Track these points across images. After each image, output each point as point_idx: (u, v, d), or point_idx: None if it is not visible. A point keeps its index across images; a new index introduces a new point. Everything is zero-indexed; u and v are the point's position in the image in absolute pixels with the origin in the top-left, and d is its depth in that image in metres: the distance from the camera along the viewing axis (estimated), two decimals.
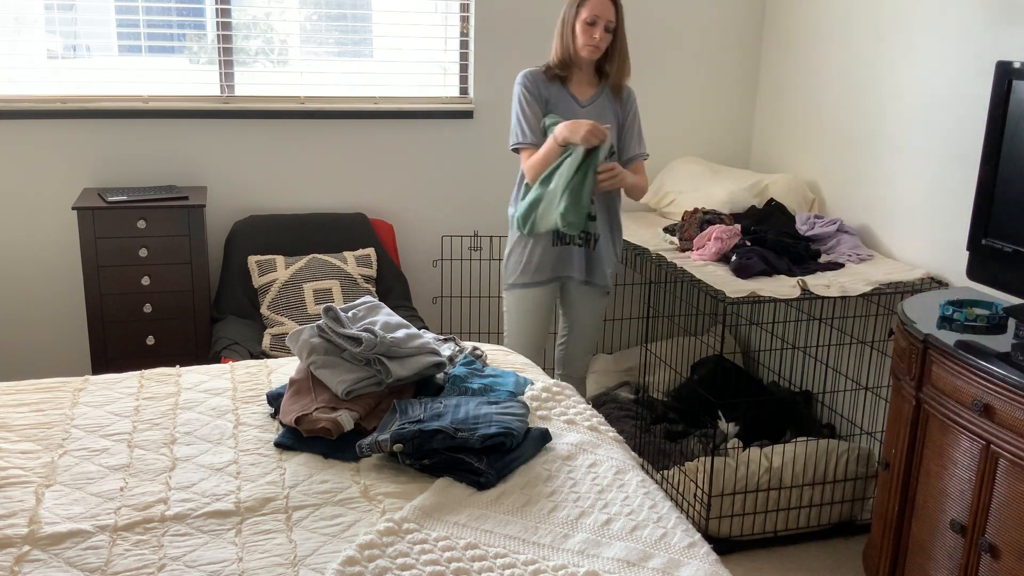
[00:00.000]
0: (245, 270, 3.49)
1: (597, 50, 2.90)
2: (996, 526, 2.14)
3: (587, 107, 2.98)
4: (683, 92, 4.01)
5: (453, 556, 1.63)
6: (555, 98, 2.97)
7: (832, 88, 3.56)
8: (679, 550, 1.69)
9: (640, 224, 3.69)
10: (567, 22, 2.92)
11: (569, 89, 2.99)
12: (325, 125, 3.68)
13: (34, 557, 1.60)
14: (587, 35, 2.88)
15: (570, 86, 2.99)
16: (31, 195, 3.46)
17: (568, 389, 2.37)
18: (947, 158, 2.97)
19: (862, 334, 3.31)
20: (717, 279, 2.92)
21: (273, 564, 1.61)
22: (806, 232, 3.32)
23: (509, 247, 3.09)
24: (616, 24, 2.90)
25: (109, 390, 2.32)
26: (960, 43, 2.91)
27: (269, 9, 3.66)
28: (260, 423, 2.16)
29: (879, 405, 3.23)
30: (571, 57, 2.94)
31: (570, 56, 2.93)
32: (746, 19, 3.99)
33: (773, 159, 3.97)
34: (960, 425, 2.23)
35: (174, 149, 3.55)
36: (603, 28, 2.87)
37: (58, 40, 3.48)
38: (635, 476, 1.95)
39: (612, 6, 2.88)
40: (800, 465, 3.00)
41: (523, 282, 3.06)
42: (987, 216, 2.42)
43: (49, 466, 1.92)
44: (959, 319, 2.42)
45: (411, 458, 1.93)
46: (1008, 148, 2.34)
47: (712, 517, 2.93)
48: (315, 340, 2.22)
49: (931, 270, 3.03)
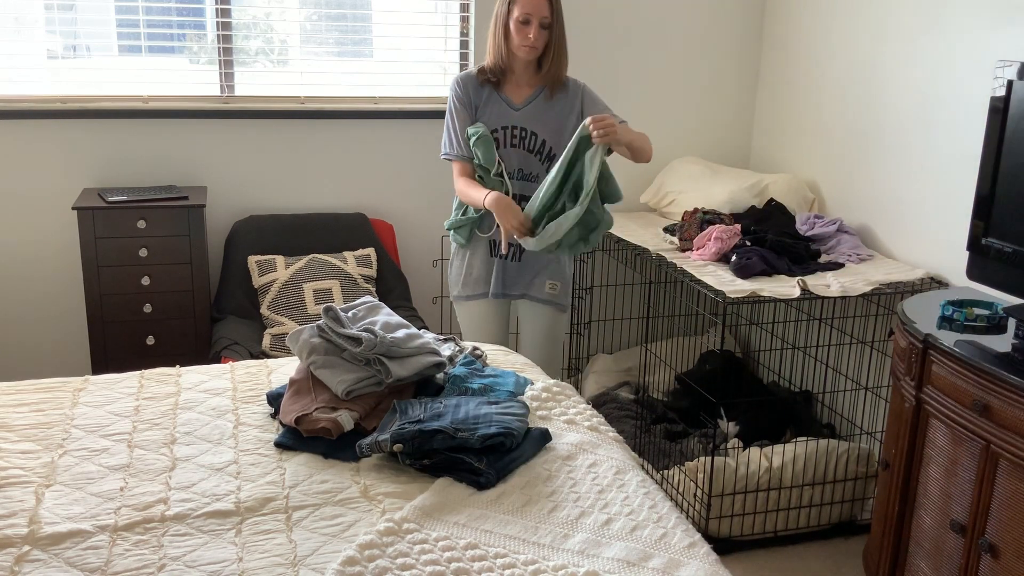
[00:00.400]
0: (245, 270, 3.49)
1: (534, 50, 2.75)
2: (996, 526, 2.14)
3: (521, 110, 2.84)
4: (683, 92, 4.01)
5: (453, 556, 1.63)
6: (487, 102, 2.85)
7: (832, 88, 3.56)
8: (679, 550, 1.69)
9: (640, 224, 3.69)
10: (499, 21, 2.77)
11: (503, 91, 2.85)
12: (325, 125, 3.68)
13: (34, 557, 1.60)
14: (522, 34, 2.72)
15: (505, 88, 2.85)
16: (31, 195, 3.46)
17: (568, 389, 2.37)
18: (947, 158, 2.97)
19: (862, 334, 3.31)
20: (717, 279, 2.92)
21: (273, 564, 1.61)
22: (806, 232, 3.32)
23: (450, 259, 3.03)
24: (552, 20, 2.74)
25: (109, 390, 2.32)
26: (960, 43, 2.91)
27: (269, 9, 3.66)
28: (260, 423, 2.16)
29: (879, 405, 3.23)
30: (505, 58, 2.79)
31: (503, 57, 2.79)
32: (746, 19, 3.99)
33: (773, 159, 3.97)
34: (960, 425, 2.23)
35: (174, 149, 3.55)
36: (537, 26, 2.71)
37: (58, 40, 3.48)
38: (635, 476, 1.95)
39: (546, 1, 2.71)
40: (800, 465, 3.00)
41: (465, 295, 3.00)
42: (987, 216, 2.42)
43: (49, 466, 1.92)
44: (959, 319, 2.42)
45: (411, 458, 1.93)
46: (1008, 148, 2.34)
47: (712, 517, 2.93)
48: (315, 340, 2.22)
49: (931, 270, 3.03)
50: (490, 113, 2.85)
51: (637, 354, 3.99)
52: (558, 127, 2.85)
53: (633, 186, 4.00)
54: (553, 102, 2.85)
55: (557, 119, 2.85)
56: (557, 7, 2.75)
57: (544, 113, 2.85)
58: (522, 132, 2.84)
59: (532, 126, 2.84)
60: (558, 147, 2.83)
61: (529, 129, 2.84)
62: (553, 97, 2.86)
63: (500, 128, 2.85)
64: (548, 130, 2.84)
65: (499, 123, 2.84)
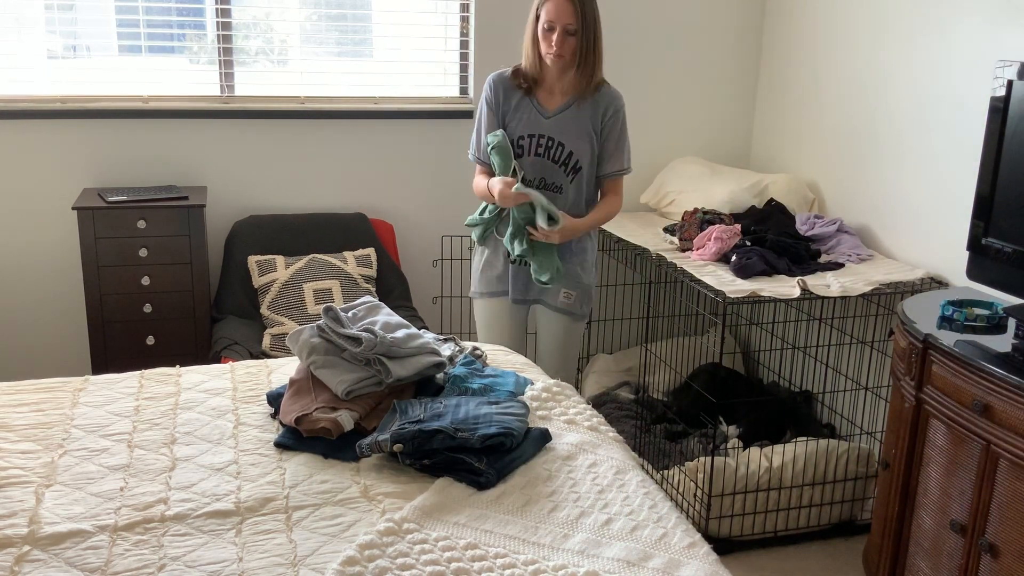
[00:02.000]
0: (245, 270, 3.49)
1: (559, 58, 2.65)
2: (996, 526, 2.14)
3: (552, 118, 2.77)
4: (683, 92, 4.01)
5: (453, 556, 1.63)
6: (519, 107, 2.78)
7: (832, 88, 3.56)
8: (679, 550, 1.69)
9: (640, 224, 3.69)
10: (530, 27, 2.69)
11: (536, 97, 2.77)
12: (325, 125, 3.68)
13: (34, 557, 1.60)
14: (547, 41, 2.64)
15: (538, 93, 2.77)
16: (31, 195, 3.46)
17: (568, 389, 2.37)
18: (947, 158, 2.97)
19: (862, 334, 3.31)
20: (717, 279, 2.92)
21: (273, 564, 1.61)
22: (806, 232, 3.32)
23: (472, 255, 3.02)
24: (579, 26, 2.62)
25: (109, 390, 2.32)
26: (960, 43, 2.91)
27: (269, 9, 3.66)
28: (260, 423, 2.16)
29: (879, 405, 3.23)
30: (536, 65, 2.72)
31: (534, 64, 2.72)
32: (746, 19, 3.99)
33: (773, 159, 3.97)
34: (960, 425, 2.23)
35: (174, 149, 3.55)
36: (562, 32, 2.61)
37: (58, 40, 3.47)
38: (635, 476, 1.95)
39: (571, 7, 2.60)
40: (800, 465, 3.00)
41: (480, 291, 2.97)
42: (987, 216, 2.42)
43: (49, 466, 1.92)
44: (959, 319, 2.42)
45: (411, 458, 1.93)
46: (1008, 148, 2.34)
47: (712, 517, 2.93)
48: (315, 340, 2.22)
49: (931, 270, 3.03)
50: (520, 118, 2.77)
51: (637, 354, 3.99)
52: (584, 135, 2.78)
53: (633, 186, 4.01)
54: (588, 111, 2.77)
55: (589, 130, 2.78)
56: (588, 14, 2.63)
57: (574, 123, 2.77)
58: (549, 142, 2.77)
59: (560, 136, 2.77)
60: (584, 158, 2.78)
61: (557, 139, 2.77)
62: (588, 107, 2.77)
63: (527, 136, 2.78)
64: (576, 141, 2.77)
65: (528, 130, 2.76)
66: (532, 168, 2.81)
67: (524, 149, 2.79)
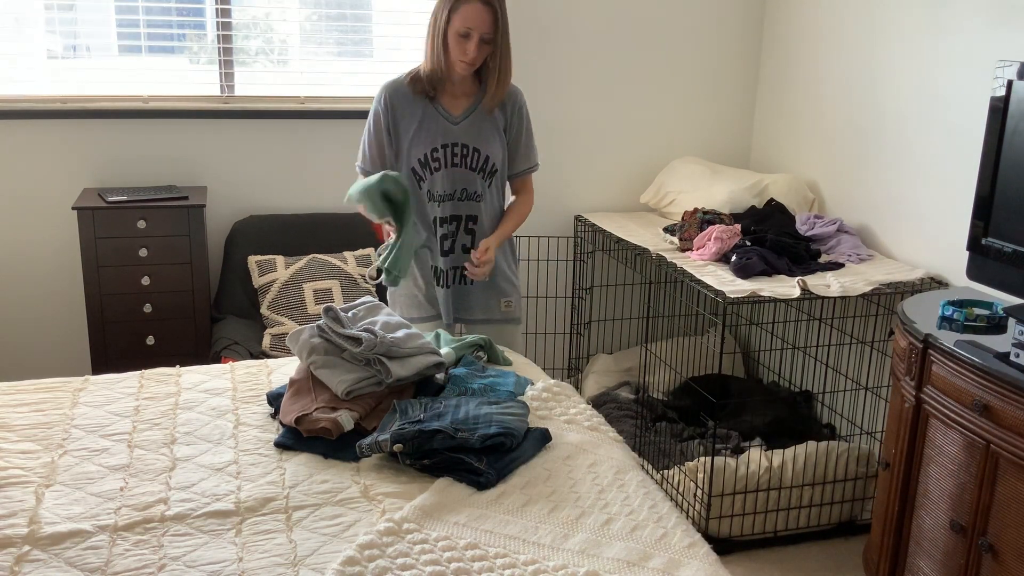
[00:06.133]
0: (245, 270, 3.49)
1: (471, 66, 2.54)
2: (996, 526, 2.14)
3: (461, 123, 2.63)
4: (683, 92, 4.01)
5: (453, 556, 1.63)
6: (424, 118, 2.61)
7: (832, 88, 3.56)
8: (679, 550, 1.69)
9: (640, 224, 3.69)
10: (438, 30, 2.52)
11: (440, 104, 2.62)
12: (325, 125, 3.68)
13: (34, 557, 1.60)
14: (460, 48, 2.50)
15: (442, 100, 2.63)
16: (31, 195, 3.46)
17: (568, 389, 2.37)
18: (947, 158, 2.97)
19: (862, 334, 3.31)
20: (717, 279, 2.92)
21: (273, 564, 1.61)
22: (806, 232, 3.32)
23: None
24: (494, 35, 2.51)
25: (109, 390, 2.32)
26: (960, 43, 2.91)
27: (269, 9, 3.66)
28: (260, 423, 2.16)
29: (879, 405, 3.23)
30: (443, 70, 2.57)
31: (442, 69, 2.56)
32: (746, 19, 3.99)
33: (773, 159, 3.97)
34: (960, 425, 2.23)
35: (174, 149, 3.55)
36: (478, 40, 2.49)
37: (58, 40, 3.48)
38: (635, 476, 1.95)
39: (489, 14, 2.47)
40: (800, 465, 3.00)
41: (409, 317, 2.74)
42: (987, 216, 2.42)
43: (49, 466, 1.92)
44: (959, 319, 2.42)
45: (411, 458, 1.93)
46: (1008, 148, 2.34)
47: (712, 517, 2.93)
48: (315, 340, 2.22)
49: (931, 270, 3.03)
50: (427, 130, 2.62)
51: (637, 354, 3.99)
52: (495, 136, 2.68)
53: (633, 186, 4.01)
54: (494, 111, 2.67)
55: (493, 127, 2.68)
56: (502, 22, 2.52)
57: (483, 125, 2.65)
58: (464, 149, 2.64)
59: (474, 141, 2.64)
60: (498, 160, 2.68)
61: (472, 145, 2.64)
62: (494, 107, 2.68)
63: (441, 147, 2.63)
64: (489, 144, 2.66)
65: (440, 141, 2.62)
66: (447, 182, 2.66)
67: (440, 162, 2.64)
